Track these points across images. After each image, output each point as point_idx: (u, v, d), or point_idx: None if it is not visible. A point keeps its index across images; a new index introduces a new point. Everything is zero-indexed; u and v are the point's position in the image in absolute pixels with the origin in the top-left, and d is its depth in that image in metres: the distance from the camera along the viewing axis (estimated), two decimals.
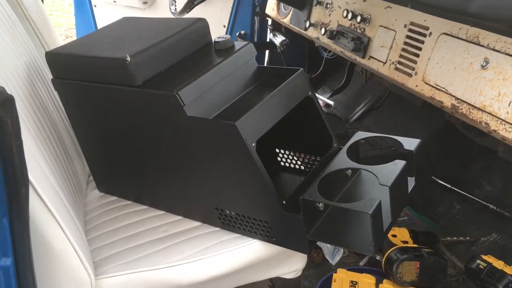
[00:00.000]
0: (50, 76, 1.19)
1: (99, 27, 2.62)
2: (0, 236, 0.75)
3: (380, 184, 0.98)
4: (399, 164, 1.03)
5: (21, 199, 0.75)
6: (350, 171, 1.12)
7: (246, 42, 1.17)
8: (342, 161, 1.10)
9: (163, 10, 2.49)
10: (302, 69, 1.13)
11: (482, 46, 1.15)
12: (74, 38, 3.85)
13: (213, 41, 1.18)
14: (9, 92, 0.71)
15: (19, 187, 0.74)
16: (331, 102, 2.46)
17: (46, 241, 0.89)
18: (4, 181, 0.73)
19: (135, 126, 1.13)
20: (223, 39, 1.15)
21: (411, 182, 1.11)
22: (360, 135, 1.19)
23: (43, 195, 0.86)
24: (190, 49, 1.16)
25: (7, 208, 0.74)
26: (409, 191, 1.10)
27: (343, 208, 0.96)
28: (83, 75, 1.13)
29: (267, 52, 2.60)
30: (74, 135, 1.30)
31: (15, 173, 0.73)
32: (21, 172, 0.74)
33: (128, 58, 1.01)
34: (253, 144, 0.97)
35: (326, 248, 1.66)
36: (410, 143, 1.11)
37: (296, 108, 1.10)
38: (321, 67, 2.57)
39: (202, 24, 1.19)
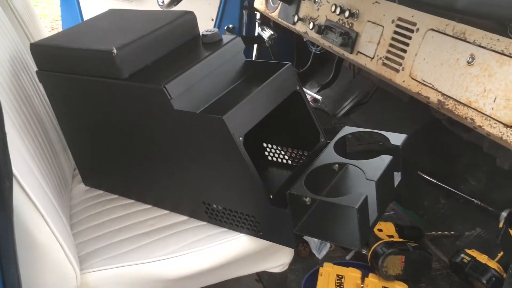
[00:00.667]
0: (35, 68, 1.17)
1: (85, 18, 2.59)
2: None
3: (367, 179, 0.99)
4: (386, 159, 1.04)
5: (5, 193, 0.74)
6: (337, 165, 1.12)
7: (234, 36, 1.16)
8: (329, 155, 1.11)
9: (150, 3, 2.46)
10: (290, 63, 1.13)
11: (469, 42, 1.16)
12: (60, 29, 3.80)
13: (201, 34, 1.17)
14: None
15: (3, 180, 0.73)
16: (318, 97, 2.46)
17: (30, 235, 0.87)
18: None
19: (122, 120, 1.12)
20: (211, 32, 1.15)
21: (397, 177, 1.12)
22: (347, 130, 1.20)
23: (27, 189, 0.85)
24: (178, 42, 1.15)
25: None
26: (395, 186, 1.10)
27: (330, 202, 0.96)
28: (68, 67, 1.11)
29: (255, 46, 2.59)
30: (59, 128, 1.29)
31: None
32: (4, 165, 0.73)
33: (114, 51, 1.00)
34: (241, 138, 0.96)
35: (313, 242, 1.67)
36: (396, 138, 1.12)
37: (283, 102, 1.10)
38: (309, 62, 2.57)
39: (189, 17, 1.18)
